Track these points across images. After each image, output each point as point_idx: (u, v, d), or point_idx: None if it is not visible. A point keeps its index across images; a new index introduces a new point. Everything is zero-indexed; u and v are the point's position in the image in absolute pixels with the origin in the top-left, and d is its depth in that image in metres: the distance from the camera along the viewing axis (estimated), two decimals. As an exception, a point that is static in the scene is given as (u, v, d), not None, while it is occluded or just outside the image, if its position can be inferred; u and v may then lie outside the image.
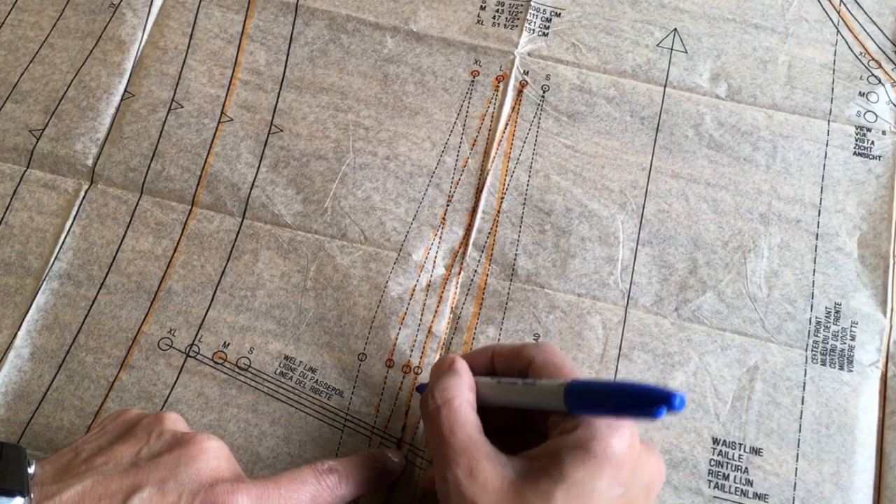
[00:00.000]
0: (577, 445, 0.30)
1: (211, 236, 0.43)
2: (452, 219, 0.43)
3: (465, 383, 0.33)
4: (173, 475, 0.30)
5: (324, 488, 0.32)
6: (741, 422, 0.39)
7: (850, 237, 0.42)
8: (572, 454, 0.29)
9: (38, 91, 0.46)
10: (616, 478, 0.30)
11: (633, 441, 0.30)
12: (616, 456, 0.29)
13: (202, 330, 0.41)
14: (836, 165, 0.44)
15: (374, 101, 0.45)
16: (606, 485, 0.29)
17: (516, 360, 0.34)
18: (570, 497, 0.29)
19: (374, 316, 0.41)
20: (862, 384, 0.39)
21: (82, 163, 0.44)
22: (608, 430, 0.30)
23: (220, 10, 0.48)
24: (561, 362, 0.33)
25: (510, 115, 0.45)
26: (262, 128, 0.45)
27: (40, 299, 0.41)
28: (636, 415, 0.28)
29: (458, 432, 0.31)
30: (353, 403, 0.39)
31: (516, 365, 0.34)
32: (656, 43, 0.46)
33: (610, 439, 0.30)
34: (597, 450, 0.29)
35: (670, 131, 0.44)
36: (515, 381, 0.33)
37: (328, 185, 0.43)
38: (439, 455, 0.31)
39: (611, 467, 0.29)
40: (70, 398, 0.39)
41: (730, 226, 0.42)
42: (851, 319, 0.40)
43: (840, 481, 0.38)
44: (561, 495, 0.29)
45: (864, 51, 0.46)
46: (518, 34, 0.47)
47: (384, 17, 0.47)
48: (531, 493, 0.29)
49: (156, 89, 0.46)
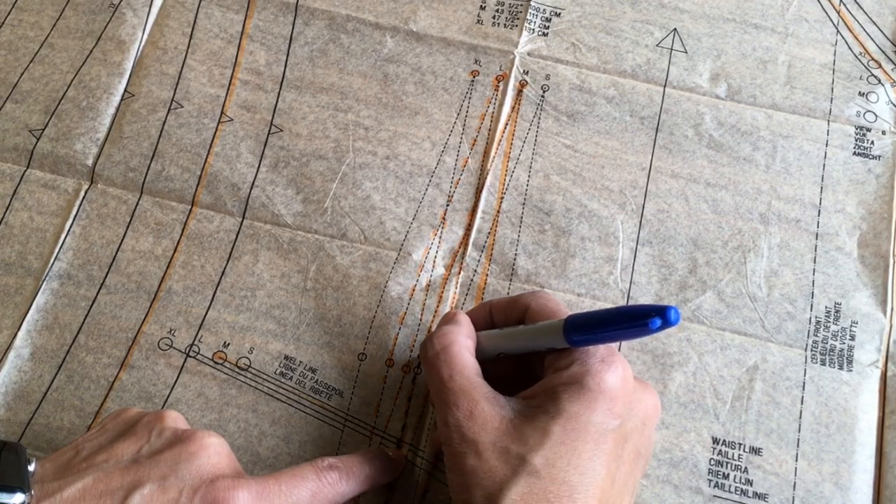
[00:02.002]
0: (571, 381, 0.31)
1: (211, 236, 0.43)
2: (452, 218, 0.43)
3: (463, 330, 0.34)
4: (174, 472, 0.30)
5: (324, 485, 0.32)
6: (741, 421, 0.39)
7: (849, 237, 0.42)
8: (567, 390, 0.31)
9: (38, 91, 0.46)
10: (611, 411, 0.31)
11: (626, 376, 0.31)
12: (610, 389, 0.31)
13: (202, 330, 0.41)
14: (835, 165, 0.44)
15: (373, 101, 0.45)
16: (601, 417, 0.30)
17: (513, 310, 0.35)
18: (567, 430, 0.30)
19: (374, 316, 0.41)
20: (862, 384, 0.39)
21: (82, 163, 0.44)
22: (601, 365, 0.31)
23: (219, 9, 0.48)
24: (556, 307, 0.34)
25: (510, 114, 0.45)
26: (262, 128, 0.45)
27: (40, 299, 0.41)
28: (633, 329, 0.29)
29: (457, 376, 0.32)
30: (353, 403, 0.39)
31: (513, 315, 0.35)
32: (656, 43, 0.46)
33: (603, 374, 0.31)
34: (591, 384, 0.30)
35: (670, 131, 0.44)
36: (518, 328, 0.34)
37: (328, 184, 0.44)
38: (439, 400, 0.32)
39: (605, 401, 0.30)
40: (70, 398, 0.39)
41: (730, 225, 0.42)
42: (851, 319, 0.40)
43: (840, 481, 0.38)
44: (557, 429, 0.30)
45: (864, 51, 0.46)
46: (518, 34, 0.47)
47: (384, 16, 0.47)
48: (529, 429, 0.30)
49: (156, 89, 0.46)
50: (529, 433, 0.30)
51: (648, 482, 0.38)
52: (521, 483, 0.29)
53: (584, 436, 0.30)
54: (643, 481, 0.38)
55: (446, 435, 0.32)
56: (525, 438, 0.30)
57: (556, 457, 0.30)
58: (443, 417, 0.32)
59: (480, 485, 0.30)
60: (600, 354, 0.32)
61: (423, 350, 0.34)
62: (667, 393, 0.39)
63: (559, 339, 0.31)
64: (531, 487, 0.29)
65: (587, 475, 0.30)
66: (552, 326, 0.32)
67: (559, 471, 0.29)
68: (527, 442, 0.30)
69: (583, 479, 0.30)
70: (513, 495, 0.29)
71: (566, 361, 0.32)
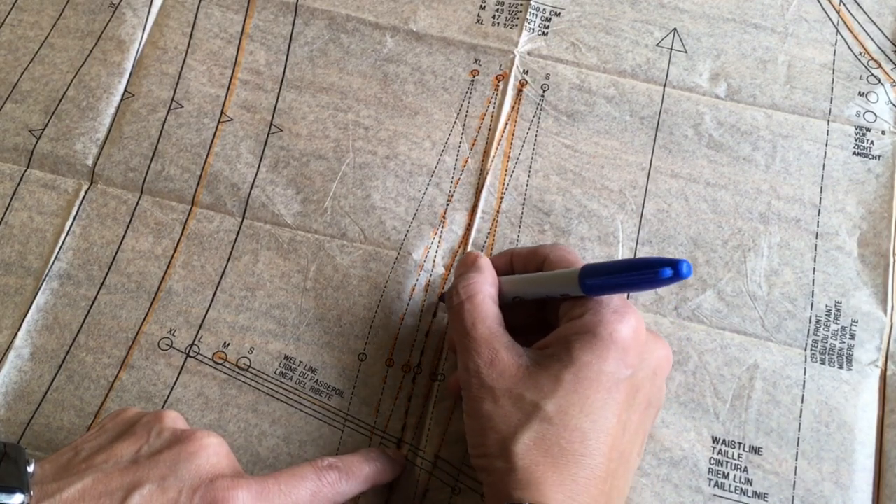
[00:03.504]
0: (584, 330, 0.32)
1: (211, 236, 0.43)
2: (452, 218, 0.43)
3: (487, 279, 0.35)
4: (173, 472, 0.30)
5: (324, 484, 0.32)
6: (741, 421, 0.39)
7: (849, 236, 0.42)
8: (580, 339, 0.32)
9: (38, 91, 0.46)
10: (622, 360, 0.32)
11: (638, 327, 0.32)
12: (622, 339, 0.31)
13: (202, 330, 0.41)
14: (835, 165, 0.44)
15: (373, 101, 0.45)
16: (613, 367, 0.31)
17: (532, 260, 0.36)
18: (579, 379, 0.31)
19: (374, 316, 0.41)
20: (861, 383, 0.39)
21: (82, 163, 0.44)
22: (614, 316, 0.32)
23: (219, 9, 0.48)
24: (574, 259, 0.35)
25: (510, 114, 0.45)
26: (262, 128, 0.45)
27: (40, 299, 0.41)
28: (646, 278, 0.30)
29: (480, 326, 0.33)
30: (353, 403, 0.39)
31: (532, 264, 0.36)
32: (656, 43, 0.46)
33: (615, 324, 0.32)
34: (603, 334, 0.31)
35: (670, 131, 0.44)
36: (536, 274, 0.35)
37: (328, 184, 0.44)
38: (462, 347, 0.33)
39: (616, 350, 0.31)
40: (70, 398, 0.39)
41: (729, 225, 0.42)
42: (851, 318, 0.41)
43: (840, 480, 0.38)
44: (569, 377, 0.31)
45: (864, 51, 0.46)
46: (518, 33, 0.47)
47: (384, 16, 0.47)
48: (544, 376, 0.31)
49: (156, 89, 0.46)
50: (543, 381, 0.31)
51: (648, 481, 0.38)
52: (533, 428, 0.30)
53: (595, 384, 0.31)
54: (643, 480, 0.38)
55: (466, 380, 0.33)
56: (539, 386, 0.31)
57: (568, 404, 0.31)
58: (464, 364, 0.33)
59: (495, 429, 0.31)
60: (613, 305, 0.32)
61: (449, 298, 0.35)
62: (666, 392, 0.39)
63: (574, 285, 0.32)
64: (543, 433, 0.30)
65: (598, 422, 0.31)
66: (568, 273, 0.33)
67: (571, 418, 0.30)
68: (541, 389, 0.31)
69: (594, 426, 0.31)
70: (525, 440, 0.30)
71: (580, 311, 0.33)
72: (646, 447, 0.38)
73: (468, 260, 0.37)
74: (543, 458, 0.30)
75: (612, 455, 0.31)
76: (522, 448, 0.30)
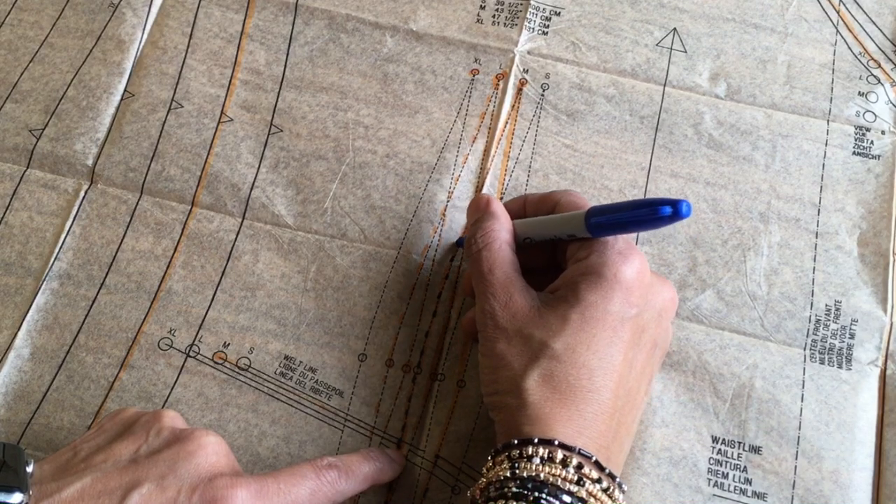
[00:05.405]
0: (589, 272, 0.33)
1: (211, 236, 0.43)
2: (452, 216, 0.43)
3: (503, 225, 0.37)
4: (172, 471, 0.30)
5: (323, 483, 0.33)
6: (740, 420, 0.39)
7: (849, 236, 0.42)
8: (586, 280, 0.33)
9: (38, 91, 0.46)
10: (627, 300, 0.33)
11: (642, 268, 0.34)
12: (626, 280, 0.33)
13: (202, 330, 0.41)
14: (835, 165, 0.44)
15: (373, 100, 0.45)
16: (618, 306, 0.32)
17: (544, 204, 0.38)
18: (585, 318, 0.32)
19: (374, 316, 0.41)
20: (861, 382, 0.39)
21: (82, 163, 0.44)
22: (618, 257, 0.33)
23: (219, 9, 0.48)
24: (584, 203, 0.36)
25: (510, 113, 0.45)
26: (262, 128, 0.45)
27: (40, 299, 0.41)
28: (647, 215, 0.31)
29: (497, 271, 0.35)
30: (353, 403, 0.40)
31: (544, 208, 0.38)
32: (656, 42, 0.46)
33: (619, 265, 0.33)
34: (608, 274, 0.33)
35: (670, 130, 0.44)
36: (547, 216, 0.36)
37: (328, 185, 0.44)
38: (479, 290, 0.35)
39: (621, 290, 0.33)
40: (70, 398, 0.39)
41: (729, 224, 0.43)
42: (851, 317, 0.41)
43: (839, 479, 0.38)
44: (576, 317, 0.32)
45: (864, 51, 0.46)
46: (518, 33, 0.47)
47: (384, 16, 0.47)
48: (552, 316, 0.33)
49: (156, 89, 0.46)
50: (552, 321, 0.33)
51: (648, 480, 0.38)
52: (542, 365, 0.32)
53: (601, 323, 0.32)
54: (643, 479, 0.38)
55: (482, 321, 0.34)
56: (548, 326, 0.33)
57: (575, 342, 0.32)
58: (481, 306, 0.35)
59: (507, 366, 0.33)
60: (618, 247, 0.34)
61: (468, 245, 0.37)
62: (666, 392, 0.39)
63: (581, 226, 0.33)
64: (552, 370, 0.32)
65: (605, 360, 0.32)
66: (575, 214, 0.34)
67: (578, 355, 0.32)
68: (549, 329, 0.32)
69: (601, 364, 0.32)
70: (535, 376, 0.32)
71: (585, 252, 0.34)
72: (645, 446, 0.38)
73: (481, 203, 0.38)
74: (552, 394, 0.31)
75: (619, 392, 0.32)
76: (532, 384, 0.32)
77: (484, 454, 0.33)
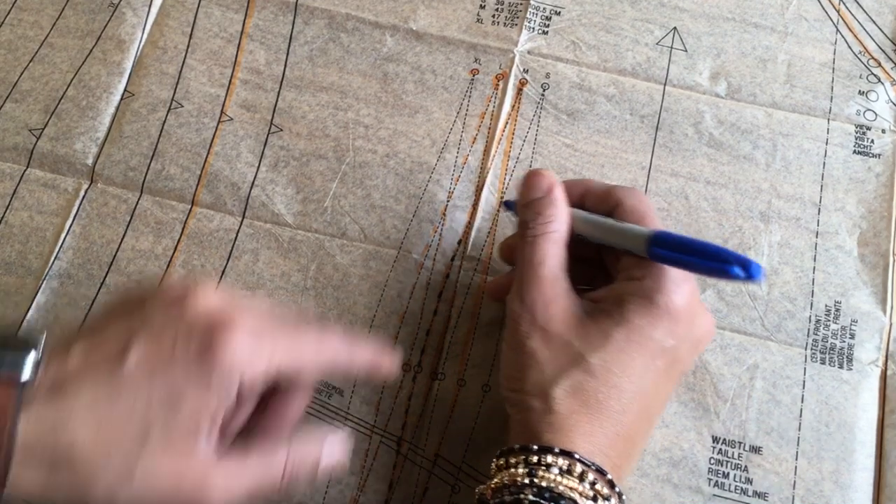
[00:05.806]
0: (641, 294, 0.32)
1: (211, 236, 0.43)
2: (452, 216, 0.43)
3: (563, 218, 0.35)
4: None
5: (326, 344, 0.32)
6: (741, 420, 0.39)
7: (850, 235, 0.42)
8: (636, 301, 0.32)
9: (37, 90, 0.46)
10: (672, 331, 0.32)
11: (692, 299, 0.33)
12: (676, 310, 0.32)
13: (202, 329, 0.41)
14: (835, 164, 0.44)
15: (373, 100, 0.45)
16: (662, 335, 0.32)
17: (605, 200, 0.35)
18: (630, 340, 0.31)
19: (374, 315, 0.41)
20: (861, 382, 0.39)
21: (82, 162, 0.44)
22: (672, 285, 0.32)
23: (219, 9, 0.48)
24: (647, 210, 0.34)
25: (510, 113, 0.45)
26: (261, 127, 0.45)
27: (40, 299, 0.41)
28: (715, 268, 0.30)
29: (548, 265, 0.33)
30: (353, 402, 0.39)
31: (604, 205, 0.35)
32: (656, 41, 0.46)
33: (672, 294, 0.32)
34: (659, 301, 0.32)
35: (670, 130, 0.44)
36: (606, 220, 0.34)
37: (328, 184, 0.44)
38: (525, 279, 0.33)
39: (669, 320, 0.32)
40: (70, 397, 0.39)
41: (730, 224, 0.42)
42: (851, 317, 0.40)
43: (840, 479, 0.38)
44: (620, 337, 0.32)
45: (864, 49, 0.46)
46: (518, 32, 0.47)
47: (384, 15, 0.47)
48: (594, 329, 0.32)
49: (156, 89, 0.46)
50: (593, 334, 0.32)
51: (648, 481, 0.38)
52: (574, 377, 0.31)
53: (642, 349, 0.31)
54: (643, 480, 0.38)
55: (518, 311, 0.33)
56: (588, 337, 0.32)
57: (612, 362, 0.31)
58: (521, 295, 0.33)
59: (537, 368, 0.32)
60: (674, 275, 0.32)
61: (523, 226, 0.35)
62: (667, 392, 0.39)
63: (641, 247, 0.32)
64: (583, 384, 0.31)
65: (636, 384, 0.31)
66: (639, 233, 0.32)
67: (613, 375, 0.31)
68: (589, 341, 0.32)
69: (632, 388, 0.31)
70: (565, 385, 0.31)
71: (640, 272, 0.33)
72: (645, 447, 0.38)
73: (543, 184, 0.35)
74: (579, 408, 0.31)
75: (641, 416, 0.32)
76: (561, 393, 0.31)
77: (484, 454, 0.33)
